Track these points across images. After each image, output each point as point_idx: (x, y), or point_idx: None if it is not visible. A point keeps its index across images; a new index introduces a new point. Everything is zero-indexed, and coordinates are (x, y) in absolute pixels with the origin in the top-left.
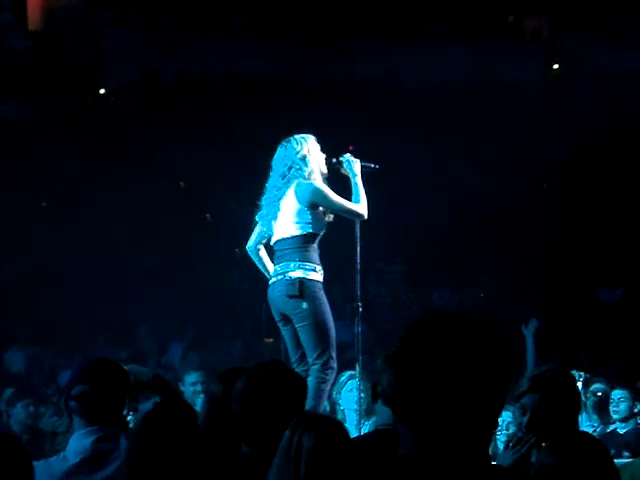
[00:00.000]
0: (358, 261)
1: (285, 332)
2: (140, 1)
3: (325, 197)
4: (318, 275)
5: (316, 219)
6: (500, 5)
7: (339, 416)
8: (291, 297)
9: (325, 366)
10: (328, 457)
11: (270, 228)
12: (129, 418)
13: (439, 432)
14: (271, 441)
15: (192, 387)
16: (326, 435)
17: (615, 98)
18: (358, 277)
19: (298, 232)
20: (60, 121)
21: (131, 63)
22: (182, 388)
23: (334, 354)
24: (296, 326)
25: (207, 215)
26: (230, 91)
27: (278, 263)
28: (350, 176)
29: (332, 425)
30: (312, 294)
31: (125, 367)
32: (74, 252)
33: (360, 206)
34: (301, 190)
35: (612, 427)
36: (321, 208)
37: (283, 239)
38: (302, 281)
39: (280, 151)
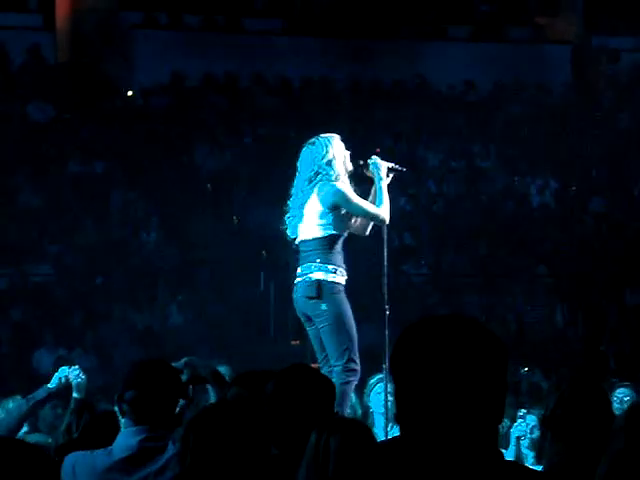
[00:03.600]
0: (385, 264)
1: (310, 332)
2: (168, 3)
3: (347, 200)
4: (339, 277)
5: (338, 221)
6: (529, 5)
7: (369, 419)
8: (310, 299)
9: (347, 368)
10: (355, 459)
11: (295, 231)
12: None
13: (441, 435)
14: (300, 444)
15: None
16: (352, 437)
17: None
18: (385, 280)
19: (320, 234)
20: (89, 122)
21: (159, 65)
22: None
23: (356, 356)
24: (318, 327)
25: (235, 218)
26: (258, 93)
27: (301, 265)
28: (375, 179)
29: (358, 428)
30: (331, 295)
31: (186, 359)
32: (101, 254)
33: (382, 210)
34: (324, 192)
35: None
36: (343, 210)
37: (306, 241)
38: (320, 282)
39: (306, 154)
